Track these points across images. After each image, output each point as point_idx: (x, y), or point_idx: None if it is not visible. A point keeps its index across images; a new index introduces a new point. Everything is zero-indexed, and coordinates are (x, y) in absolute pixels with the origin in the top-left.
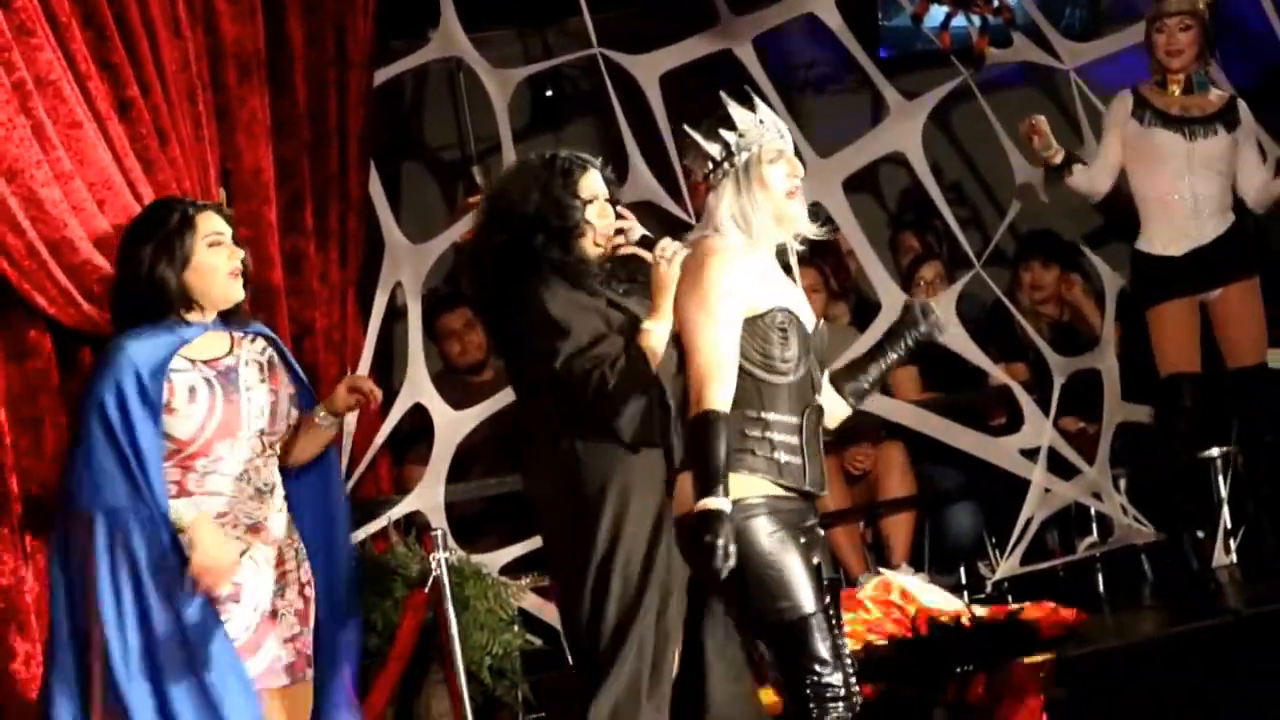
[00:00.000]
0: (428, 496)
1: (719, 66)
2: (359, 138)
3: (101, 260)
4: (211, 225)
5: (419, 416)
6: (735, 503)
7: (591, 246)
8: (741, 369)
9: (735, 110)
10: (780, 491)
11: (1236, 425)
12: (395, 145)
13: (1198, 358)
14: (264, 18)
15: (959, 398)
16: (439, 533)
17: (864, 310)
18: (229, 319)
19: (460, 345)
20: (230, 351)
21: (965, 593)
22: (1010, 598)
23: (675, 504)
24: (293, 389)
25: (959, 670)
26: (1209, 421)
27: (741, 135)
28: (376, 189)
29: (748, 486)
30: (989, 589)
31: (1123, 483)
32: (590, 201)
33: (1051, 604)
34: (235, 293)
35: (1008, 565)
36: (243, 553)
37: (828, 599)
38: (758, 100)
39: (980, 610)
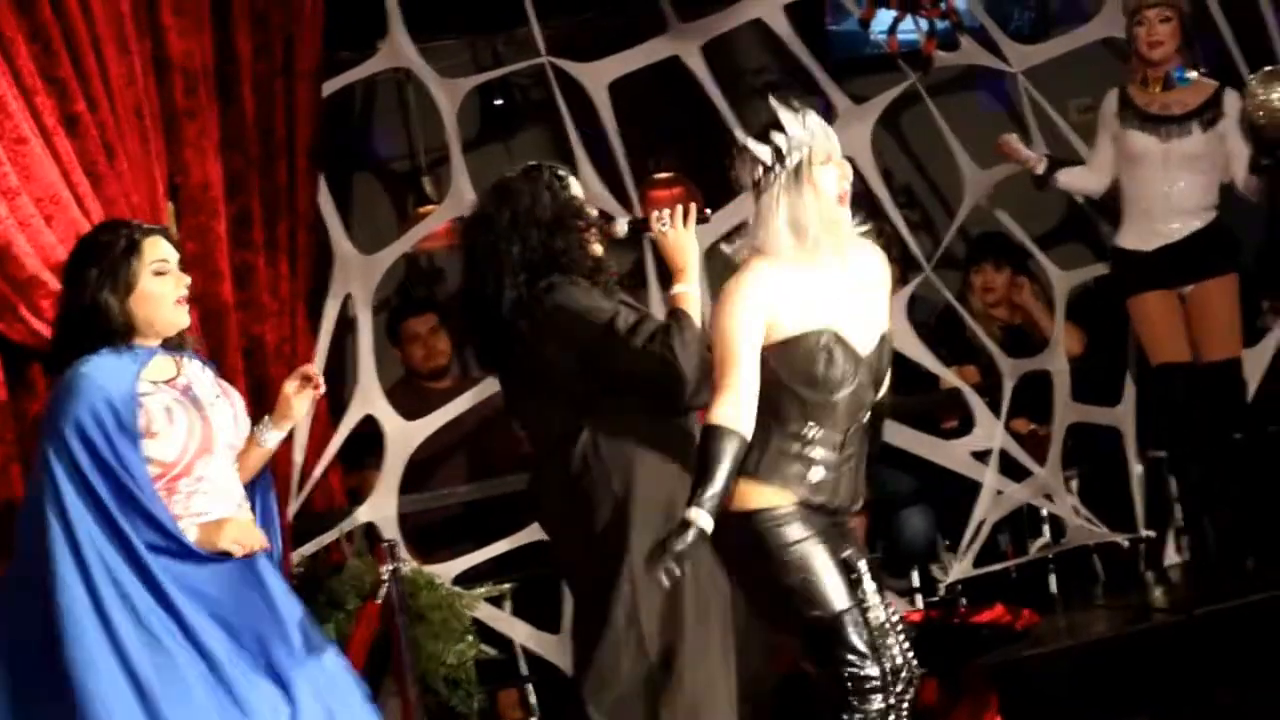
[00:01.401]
0: (380, 508)
1: (668, 74)
2: (308, 150)
3: (49, 277)
4: (158, 252)
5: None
6: (764, 510)
7: (598, 245)
8: (786, 386)
9: (785, 115)
10: (809, 502)
11: (1201, 421)
12: (345, 157)
13: (1186, 348)
14: (211, 31)
15: (910, 401)
16: (391, 544)
17: None
18: (166, 342)
19: (425, 350)
20: (180, 373)
21: (918, 596)
22: (963, 600)
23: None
24: (242, 400)
25: None
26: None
27: (791, 139)
28: (326, 201)
29: (778, 496)
30: (942, 591)
31: (1074, 484)
32: (585, 204)
33: (1004, 606)
34: (181, 319)
35: (960, 568)
36: None
37: (869, 578)
38: (806, 109)
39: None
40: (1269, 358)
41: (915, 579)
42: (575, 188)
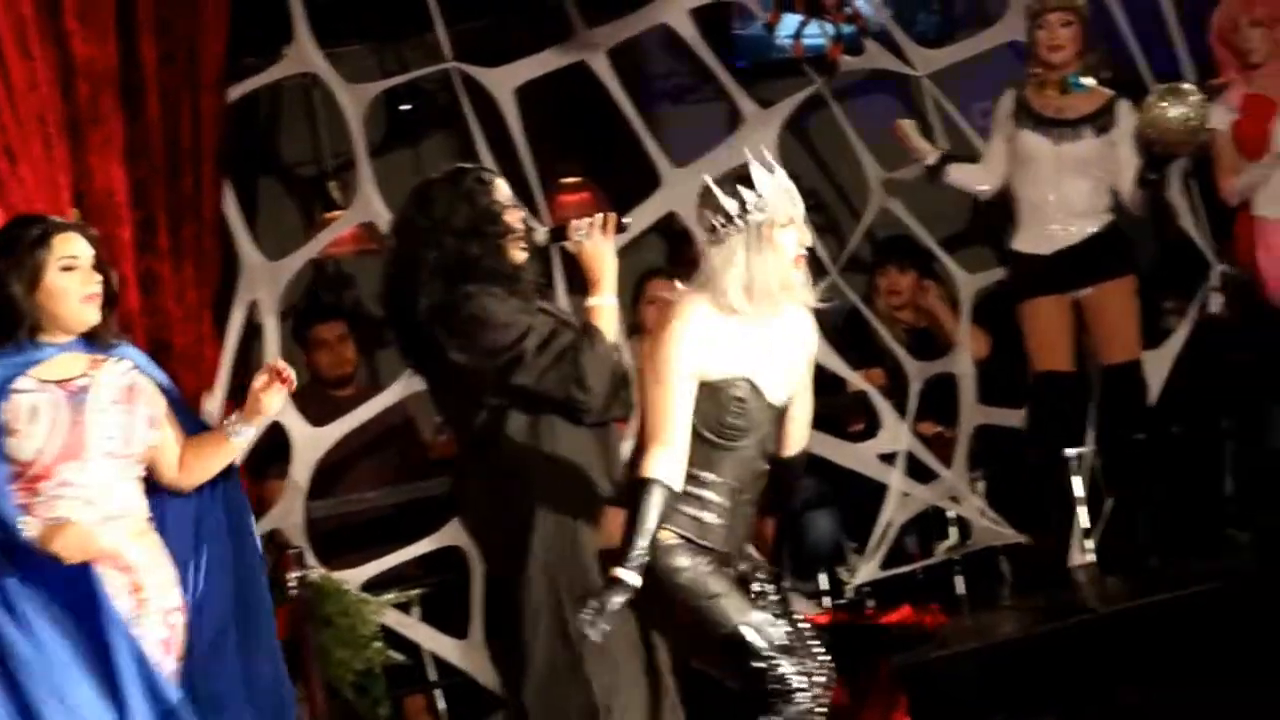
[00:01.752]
0: (286, 515)
1: (574, 79)
2: (213, 156)
3: None
4: (68, 248)
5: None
6: (655, 543)
7: (518, 252)
8: (694, 426)
9: (757, 171)
10: (698, 539)
11: (1103, 423)
12: (251, 163)
13: (1070, 357)
14: (116, 38)
15: (817, 404)
16: (298, 551)
17: None
18: (94, 340)
19: (332, 357)
20: (85, 373)
21: (826, 598)
22: (871, 602)
23: (603, 535)
24: (152, 411)
25: None
26: (1079, 420)
27: (760, 196)
28: (231, 207)
29: (666, 534)
30: (850, 594)
31: (981, 485)
32: (509, 208)
33: (912, 607)
34: (89, 316)
35: (868, 570)
36: None
37: (773, 591)
38: (777, 166)
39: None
40: (1172, 359)
41: (823, 581)
42: (500, 192)
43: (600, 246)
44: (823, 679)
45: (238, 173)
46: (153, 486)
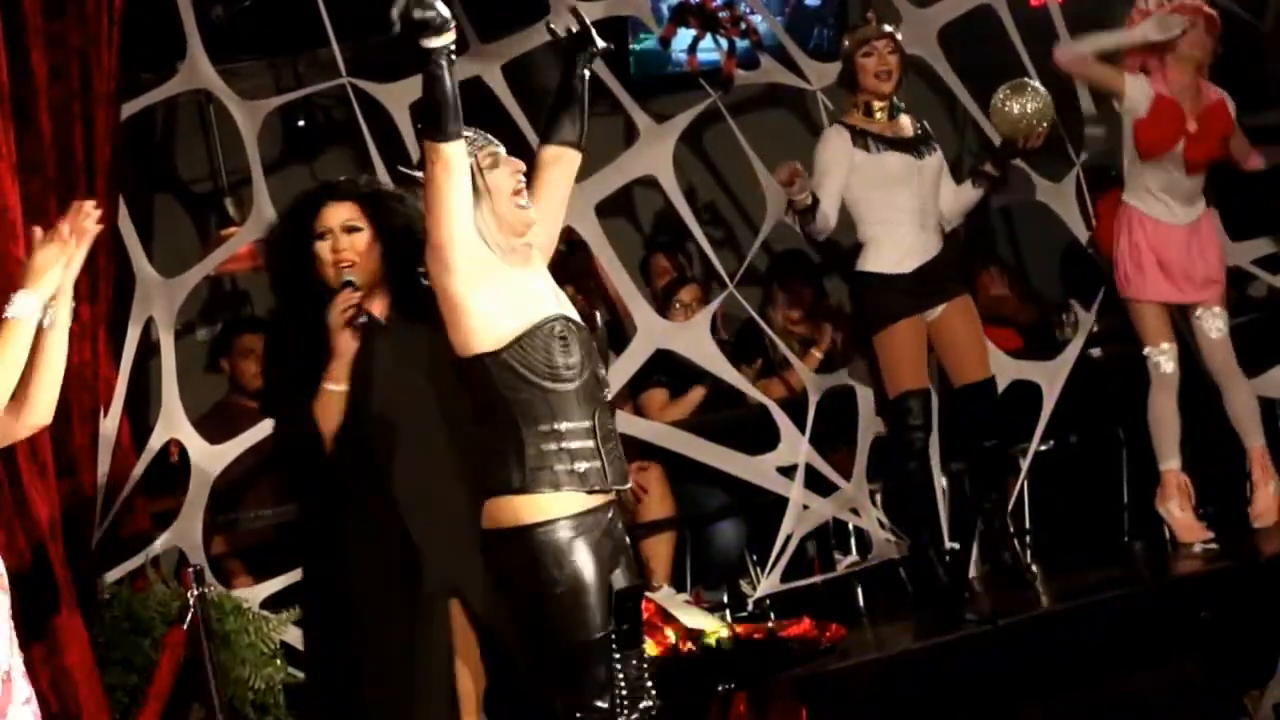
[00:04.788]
0: (185, 533)
1: (470, 93)
2: (107, 172)
3: None
4: None
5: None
6: (539, 524)
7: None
8: (528, 381)
9: None
10: (584, 504)
11: (966, 439)
12: (146, 179)
13: (926, 376)
14: (5, 52)
15: (717, 418)
16: (197, 568)
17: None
18: None
19: (259, 366)
20: None
21: (728, 611)
22: (772, 614)
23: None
24: None
25: (721, 689)
26: (951, 435)
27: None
28: (126, 223)
29: (552, 505)
30: (750, 606)
31: (879, 497)
32: (324, 235)
33: (811, 620)
34: None
35: (769, 582)
36: None
37: (629, 604)
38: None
39: (740, 628)
40: (1068, 370)
41: (725, 595)
42: (325, 216)
43: (340, 333)
44: (646, 707)
45: (133, 189)
46: None
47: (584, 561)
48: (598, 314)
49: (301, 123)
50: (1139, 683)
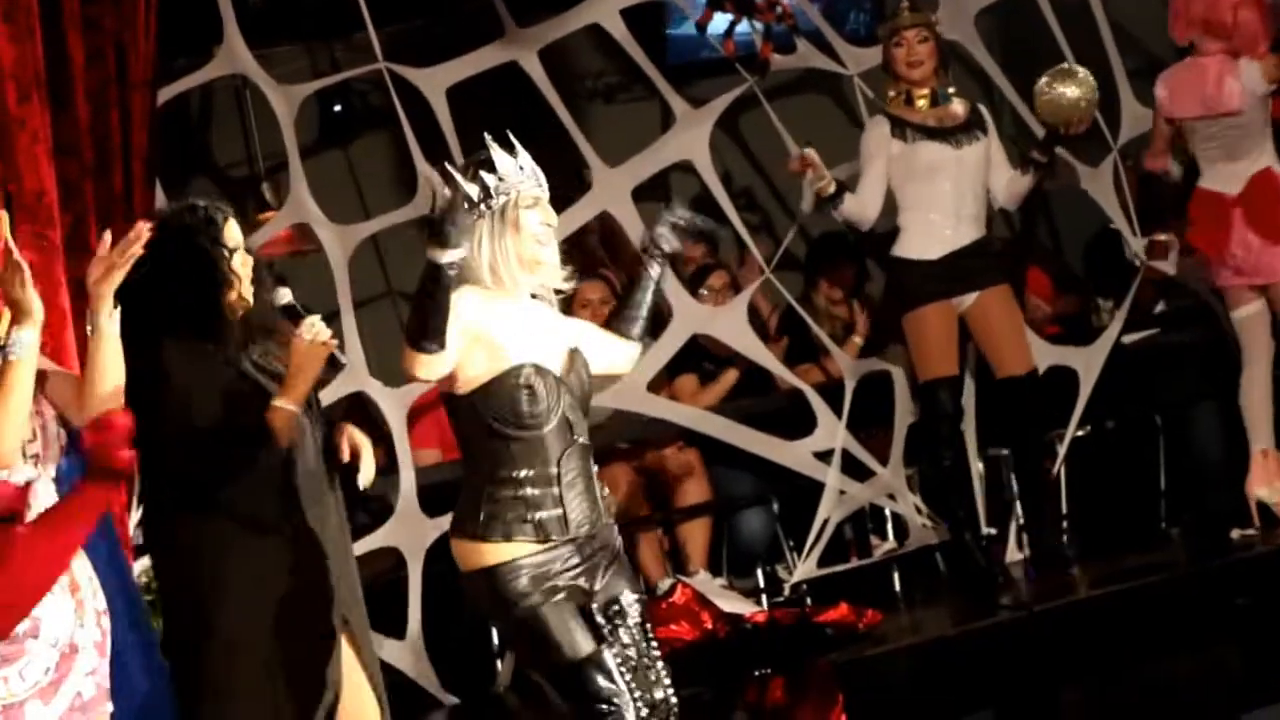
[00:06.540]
0: None
1: (507, 78)
2: (143, 157)
3: None
4: None
5: None
6: (497, 566)
7: (236, 300)
8: (491, 428)
9: (497, 154)
10: (542, 549)
11: (1010, 428)
12: (182, 164)
13: (956, 362)
14: (42, 37)
15: (751, 403)
16: None
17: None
18: None
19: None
20: None
21: (763, 596)
22: (808, 600)
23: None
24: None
25: (757, 673)
26: (991, 423)
27: (501, 179)
28: (162, 209)
29: (508, 551)
30: (786, 592)
31: (915, 483)
32: (235, 250)
33: (848, 605)
34: None
35: (805, 568)
36: None
37: (635, 617)
38: (519, 147)
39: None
40: (1105, 356)
41: (760, 579)
42: (232, 232)
43: (309, 355)
44: (664, 711)
45: (170, 174)
46: None
47: (539, 598)
48: (577, 348)
49: (338, 108)
50: (1176, 669)
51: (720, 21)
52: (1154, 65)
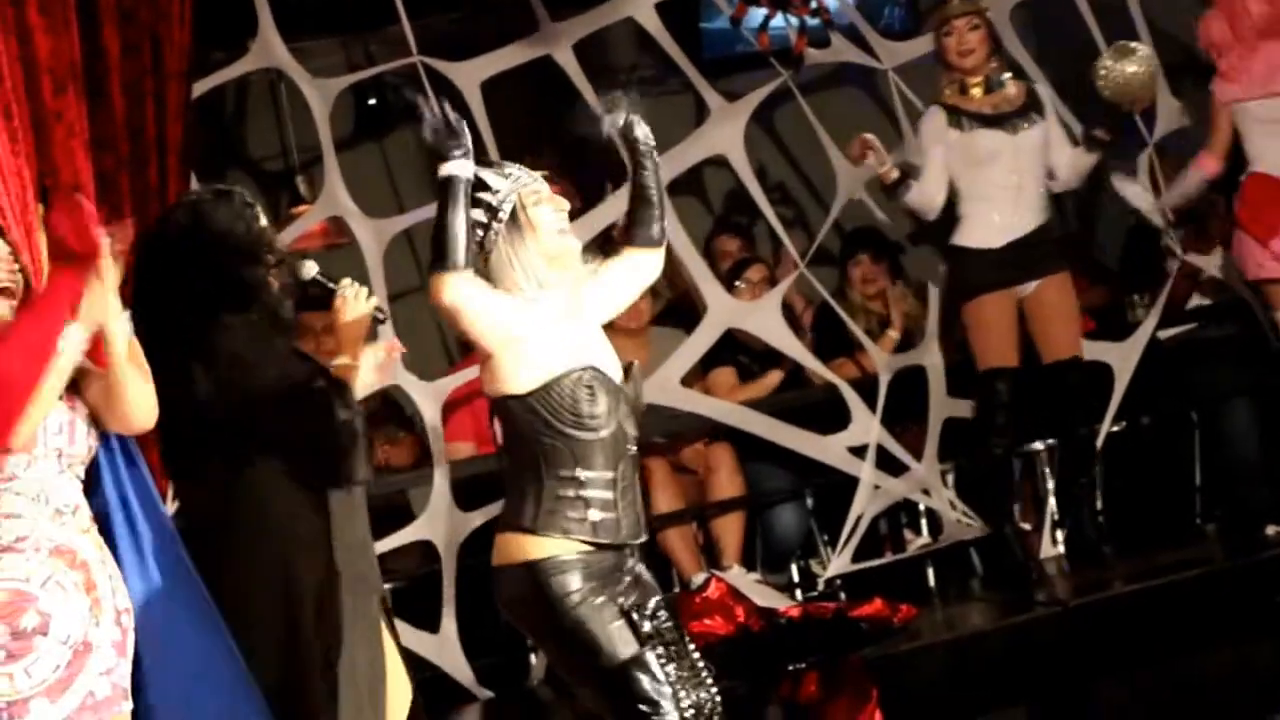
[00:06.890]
0: None
1: (540, 73)
2: (178, 150)
3: None
4: None
5: None
6: (544, 560)
7: (279, 285)
8: (553, 429)
9: (483, 173)
10: (593, 551)
11: (1053, 419)
12: (217, 156)
13: (1016, 353)
14: (79, 30)
15: (786, 397)
16: None
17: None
18: None
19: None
20: None
21: (797, 591)
22: (842, 595)
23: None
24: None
25: (791, 667)
26: (1031, 415)
27: (496, 192)
28: (198, 190)
29: (558, 546)
30: (821, 587)
31: (950, 478)
32: (274, 236)
33: (883, 600)
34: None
35: (839, 563)
36: (47, 579)
37: (667, 620)
38: (494, 156)
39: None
40: (1139, 352)
41: (794, 574)
42: (264, 219)
43: (353, 310)
44: (709, 713)
45: (205, 167)
46: None
47: (586, 597)
48: (635, 362)
49: (373, 101)
50: (1211, 666)
51: (755, 15)
52: (1189, 60)
